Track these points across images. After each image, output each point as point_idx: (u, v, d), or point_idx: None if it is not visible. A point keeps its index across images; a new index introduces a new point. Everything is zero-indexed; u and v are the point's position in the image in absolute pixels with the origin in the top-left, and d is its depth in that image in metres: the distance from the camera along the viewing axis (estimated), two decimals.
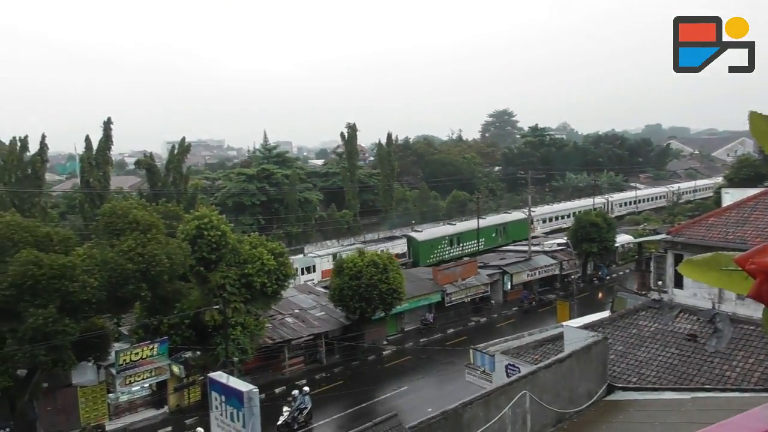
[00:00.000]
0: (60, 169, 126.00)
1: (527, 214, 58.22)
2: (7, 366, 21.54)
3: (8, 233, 21.81)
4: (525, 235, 55.56)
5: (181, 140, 60.30)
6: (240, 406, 18.77)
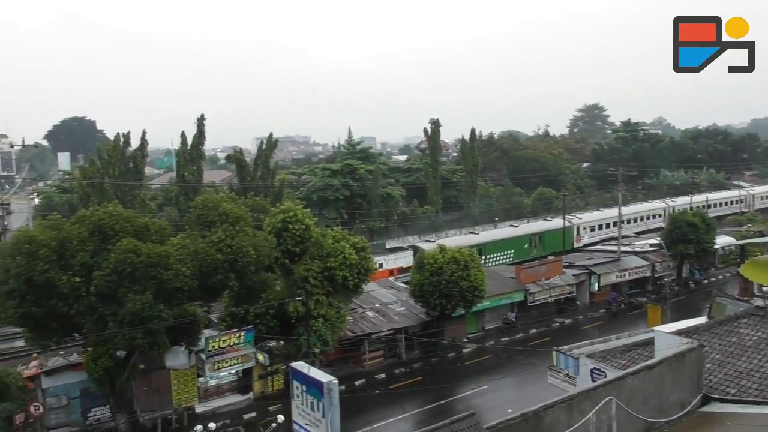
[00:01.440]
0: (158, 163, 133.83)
1: (566, 222, 55.21)
2: (108, 347, 23.09)
3: (111, 223, 23.32)
4: (565, 246, 52.74)
5: (269, 136, 62.38)
6: (320, 397, 19.16)
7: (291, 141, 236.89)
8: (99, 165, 54.79)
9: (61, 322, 22.65)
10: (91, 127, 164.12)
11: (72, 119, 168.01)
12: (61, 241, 22.15)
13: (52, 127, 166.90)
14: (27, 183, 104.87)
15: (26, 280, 21.27)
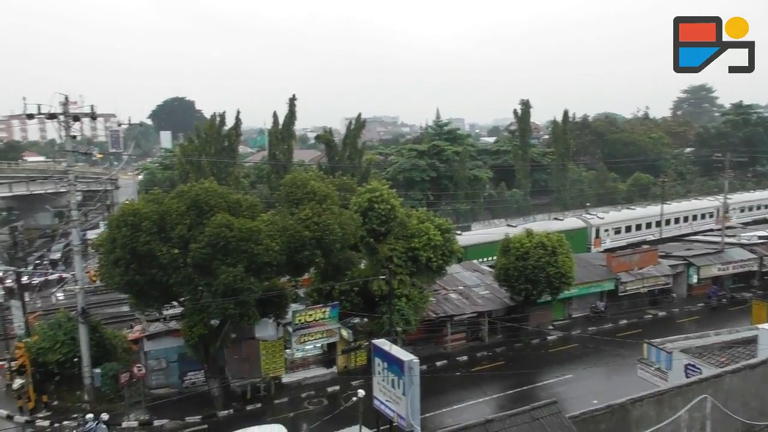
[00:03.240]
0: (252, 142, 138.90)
1: (583, 222, 50.36)
2: (203, 316, 24.48)
3: (206, 198, 24.53)
4: (582, 249, 47.16)
5: (357, 116, 63.09)
6: (401, 374, 19.43)
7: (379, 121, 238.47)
8: (197, 143, 57.64)
9: (161, 291, 24.19)
10: (190, 106, 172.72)
11: (173, 99, 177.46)
12: (162, 215, 23.56)
13: (155, 107, 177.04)
14: (132, 160, 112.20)
15: (130, 250, 22.85)
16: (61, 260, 53.69)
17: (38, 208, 72.83)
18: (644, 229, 53.45)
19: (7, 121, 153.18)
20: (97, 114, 26.50)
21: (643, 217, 54.52)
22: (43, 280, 44.68)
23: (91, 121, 27.23)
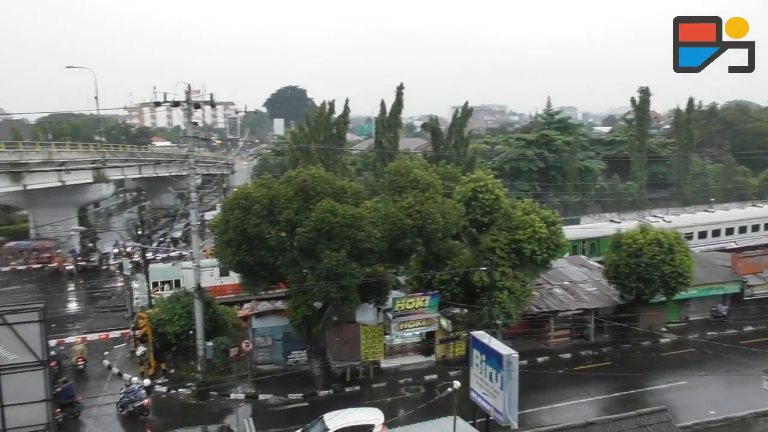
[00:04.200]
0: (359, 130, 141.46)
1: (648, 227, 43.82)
2: (306, 297, 25.33)
3: (313, 184, 25.27)
4: None
5: (464, 105, 62.29)
6: (499, 368, 19.08)
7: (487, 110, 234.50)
8: (307, 130, 59.46)
9: (268, 271, 25.26)
10: (303, 95, 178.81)
11: (286, 88, 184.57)
12: (271, 199, 24.54)
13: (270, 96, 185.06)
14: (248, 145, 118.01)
15: (242, 232, 24.02)
16: (181, 238, 57.62)
17: (163, 189, 78.53)
18: (724, 236, 45.98)
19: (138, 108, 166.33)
20: (216, 102, 27.99)
21: (723, 221, 46.81)
22: (165, 256, 48.17)
23: (211, 108, 28.86)
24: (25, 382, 14.35)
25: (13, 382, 14.24)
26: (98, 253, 54.25)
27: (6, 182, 47.18)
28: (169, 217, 73.80)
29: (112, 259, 49.74)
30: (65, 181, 54.00)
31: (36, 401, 14.55)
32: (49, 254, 52.86)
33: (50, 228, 54.56)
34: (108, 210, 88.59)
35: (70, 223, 54.27)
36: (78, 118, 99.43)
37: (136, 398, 25.19)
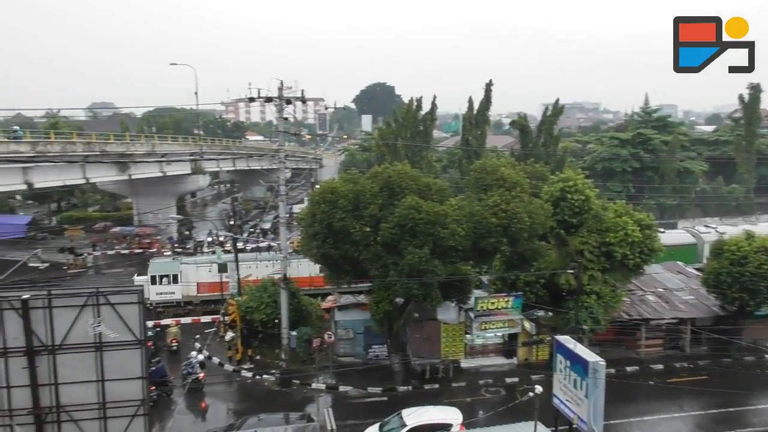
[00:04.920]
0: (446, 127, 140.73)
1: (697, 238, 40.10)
2: (388, 293, 25.44)
3: (398, 180, 25.32)
4: None
5: (555, 102, 60.39)
6: (584, 375, 18.38)
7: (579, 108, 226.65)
8: (394, 127, 59.70)
9: (352, 265, 25.56)
10: (390, 92, 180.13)
11: (375, 85, 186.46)
12: (357, 194, 24.80)
13: (359, 92, 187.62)
14: (336, 141, 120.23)
15: (327, 225, 24.45)
16: (270, 230, 59.57)
17: (254, 182, 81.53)
18: None
19: (234, 104, 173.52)
20: (307, 98, 28.66)
21: None
22: (255, 246, 49.95)
23: (302, 104, 29.58)
24: (124, 360, 15.24)
25: (113, 358, 15.16)
26: (193, 240, 57.14)
27: (114, 171, 50.64)
28: (259, 208, 76.58)
29: (206, 247, 52.15)
30: (166, 171, 57.29)
31: (133, 378, 15.42)
32: (149, 240, 56.31)
33: (151, 215, 58.09)
34: (203, 200, 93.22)
35: (169, 211, 57.65)
36: (179, 113, 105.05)
37: (193, 371, 27.17)
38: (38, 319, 14.69)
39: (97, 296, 14.92)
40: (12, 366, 14.78)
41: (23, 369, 14.76)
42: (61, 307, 14.82)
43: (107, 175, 50.83)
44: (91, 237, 58.91)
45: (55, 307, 14.78)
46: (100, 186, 63.60)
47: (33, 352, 14.74)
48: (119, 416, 15.42)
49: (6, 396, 14.87)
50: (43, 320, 14.73)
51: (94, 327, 14.86)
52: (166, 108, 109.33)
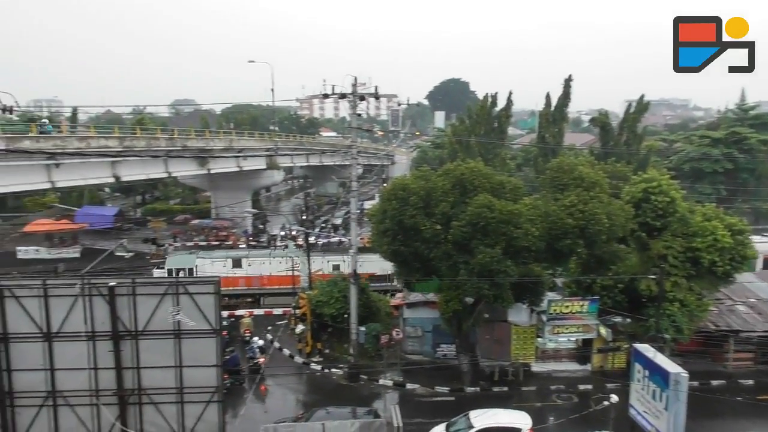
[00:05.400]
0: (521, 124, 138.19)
1: None
2: (458, 292, 25.36)
3: (471, 178, 25.18)
4: None
5: (639, 98, 58.03)
6: (664, 386, 17.73)
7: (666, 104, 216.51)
8: (467, 123, 59.20)
9: (421, 263, 25.67)
10: (465, 87, 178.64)
11: (449, 80, 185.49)
12: (428, 191, 24.87)
13: (432, 88, 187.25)
14: (408, 137, 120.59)
15: (398, 222, 24.64)
16: (341, 225, 60.60)
17: (327, 177, 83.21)
18: None
19: (309, 100, 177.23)
20: (380, 94, 28.91)
21: None
22: (326, 241, 51.01)
23: (375, 100, 29.92)
24: (200, 348, 16.03)
25: (190, 346, 15.99)
26: (267, 234, 58.97)
27: (194, 166, 52.97)
28: (331, 204, 78.00)
29: (279, 241, 53.70)
30: (242, 166, 59.36)
31: (208, 365, 16.18)
32: (226, 233, 58.59)
33: (228, 209, 60.40)
34: (277, 195, 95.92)
35: (244, 205, 59.70)
36: (256, 109, 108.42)
37: (254, 356, 28.55)
38: (123, 305, 15.69)
39: (177, 285, 15.76)
40: (99, 349, 15.86)
41: (109, 352, 15.81)
42: (144, 294, 15.78)
43: (188, 169, 53.22)
44: (172, 229, 61.94)
45: (139, 294, 15.74)
46: (181, 180, 66.65)
47: (118, 337, 15.76)
48: (195, 401, 16.24)
49: (93, 377, 15.96)
50: (127, 307, 15.72)
51: (173, 315, 15.71)
52: (243, 105, 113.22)
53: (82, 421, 16.15)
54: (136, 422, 16.22)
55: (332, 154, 77.89)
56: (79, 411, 16.14)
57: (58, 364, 15.92)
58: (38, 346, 15.80)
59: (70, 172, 38.25)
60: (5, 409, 16.04)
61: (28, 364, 15.91)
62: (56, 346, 15.82)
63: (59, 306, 15.65)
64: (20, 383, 16.03)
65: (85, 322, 15.64)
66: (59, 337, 15.77)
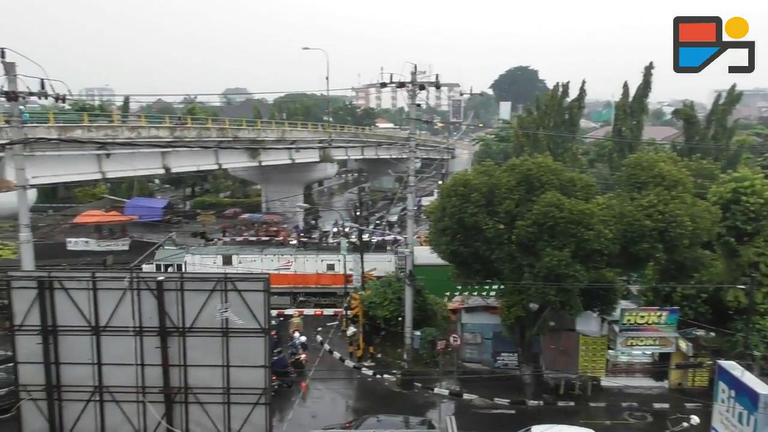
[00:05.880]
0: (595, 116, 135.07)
1: None
2: (521, 297, 25.00)
3: (538, 174, 24.72)
4: None
5: (730, 88, 55.71)
6: (753, 409, 17.04)
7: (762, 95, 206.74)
8: (535, 115, 58.31)
9: (482, 265, 25.43)
10: (533, 76, 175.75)
11: (516, 69, 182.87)
12: (491, 188, 24.60)
13: (498, 77, 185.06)
14: (470, 130, 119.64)
15: (458, 220, 24.49)
16: (397, 222, 60.75)
17: (383, 171, 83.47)
18: None
19: (365, 89, 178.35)
20: (441, 83, 28.82)
21: None
22: (380, 239, 51.21)
23: (435, 90, 29.84)
24: (248, 347, 16.35)
25: (238, 345, 16.34)
26: (319, 230, 59.74)
27: (245, 158, 54.25)
28: (386, 199, 78.33)
29: (331, 238, 54.31)
30: (294, 159, 60.39)
31: (256, 366, 16.49)
32: (276, 228, 59.68)
33: (279, 203, 61.53)
34: (330, 189, 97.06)
35: (296, 199, 60.69)
36: (310, 99, 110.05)
37: (296, 352, 29.54)
38: (171, 300, 16.19)
39: (225, 282, 16.14)
40: (146, 345, 16.43)
41: (156, 348, 16.36)
42: (192, 290, 16.22)
43: (238, 161, 54.55)
44: (221, 223, 63.62)
45: (187, 290, 16.20)
46: (231, 172, 68.47)
47: (165, 333, 16.28)
48: (242, 403, 16.60)
49: (140, 373, 16.55)
50: (175, 302, 16.21)
51: (221, 312, 16.10)
52: (296, 94, 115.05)
53: (128, 418, 16.78)
54: (182, 422, 16.72)
55: (389, 146, 78.21)
56: (125, 407, 16.77)
57: (105, 358, 16.59)
58: (86, 339, 16.49)
59: (121, 162, 39.79)
60: (53, 402, 16.83)
61: (75, 358, 16.63)
62: (104, 341, 16.49)
63: (107, 299, 16.29)
64: (68, 377, 16.78)
65: (133, 317, 16.23)
66: (107, 331, 16.41)
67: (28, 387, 16.80)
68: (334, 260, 38.87)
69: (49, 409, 16.83)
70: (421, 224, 47.96)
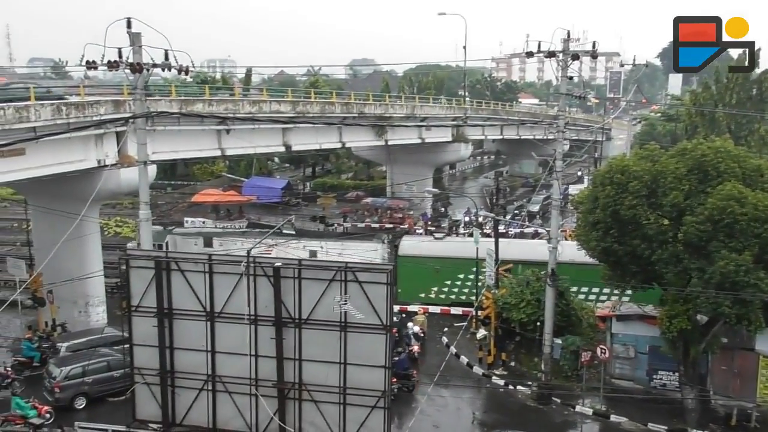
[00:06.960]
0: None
1: None
2: (687, 307, 23.73)
3: (715, 161, 23.24)
4: None
5: None
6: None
7: None
8: (713, 90, 54.76)
9: (640, 266, 24.40)
10: None
11: None
12: (655, 176, 23.49)
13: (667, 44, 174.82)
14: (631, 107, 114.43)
15: (612, 213, 23.66)
16: (539, 213, 59.51)
17: (524, 154, 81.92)
18: None
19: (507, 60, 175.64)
20: (598, 53, 27.76)
21: None
22: (519, 231, 50.41)
23: (591, 60, 28.80)
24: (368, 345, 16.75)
25: (356, 341, 16.78)
26: (449, 219, 59.81)
27: (371, 136, 55.24)
28: (527, 186, 76.97)
29: (462, 228, 54.22)
30: (425, 138, 60.62)
31: (375, 366, 16.85)
32: (401, 215, 60.44)
33: (405, 187, 62.19)
34: (463, 173, 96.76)
35: (424, 183, 61.02)
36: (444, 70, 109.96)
37: (409, 343, 30.67)
38: (288, 289, 16.90)
39: (346, 272, 16.57)
40: (261, 335, 17.29)
41: (271, 339, 17.16)
42: (310, 279, 16.83)
43: (363, 139, 55.64)
44: (342, 207, 65.45)
45: (305, 278, 16.83)
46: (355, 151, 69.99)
47: (281, 323, 17.03)
48: (359, 405, 17.08)
49: (254, 364, 17.45)
50: (292, 291, 16.90)
51: (340, 304, 16.57)
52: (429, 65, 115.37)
53: (239, 411, 17.79)
54: (295, 420, 17.47)
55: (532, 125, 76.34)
56: (237, 400, 17.78)
57: (219, 346, 17.66)
58: (201, 325, 17.65)
59: (240, 138, 41.90)
60: (166, 388, 18.17)
61: (190, 344, 17.87)
62: (218, 327, 17.56)
63: (223, 284, 17.31)
64: (181, 363, 18.06)
65: (248, 304, 17.11)
66: (222, 317, 17.46)
67: (142, 370, 18.27)
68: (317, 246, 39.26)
69: (162, 395, 18.19)
70: (568, 216, 46.62)
